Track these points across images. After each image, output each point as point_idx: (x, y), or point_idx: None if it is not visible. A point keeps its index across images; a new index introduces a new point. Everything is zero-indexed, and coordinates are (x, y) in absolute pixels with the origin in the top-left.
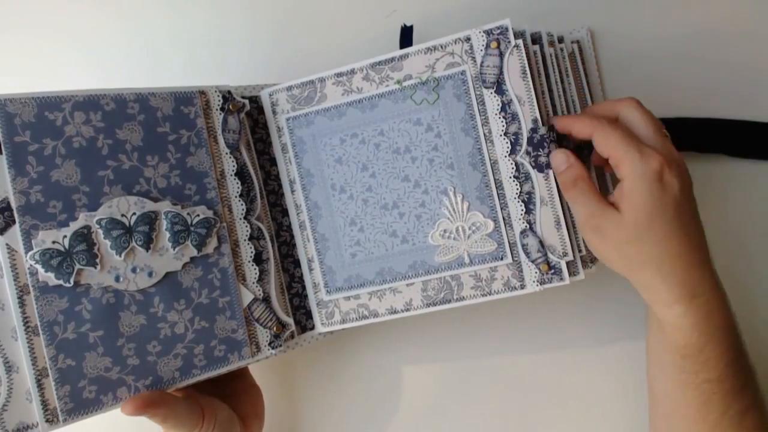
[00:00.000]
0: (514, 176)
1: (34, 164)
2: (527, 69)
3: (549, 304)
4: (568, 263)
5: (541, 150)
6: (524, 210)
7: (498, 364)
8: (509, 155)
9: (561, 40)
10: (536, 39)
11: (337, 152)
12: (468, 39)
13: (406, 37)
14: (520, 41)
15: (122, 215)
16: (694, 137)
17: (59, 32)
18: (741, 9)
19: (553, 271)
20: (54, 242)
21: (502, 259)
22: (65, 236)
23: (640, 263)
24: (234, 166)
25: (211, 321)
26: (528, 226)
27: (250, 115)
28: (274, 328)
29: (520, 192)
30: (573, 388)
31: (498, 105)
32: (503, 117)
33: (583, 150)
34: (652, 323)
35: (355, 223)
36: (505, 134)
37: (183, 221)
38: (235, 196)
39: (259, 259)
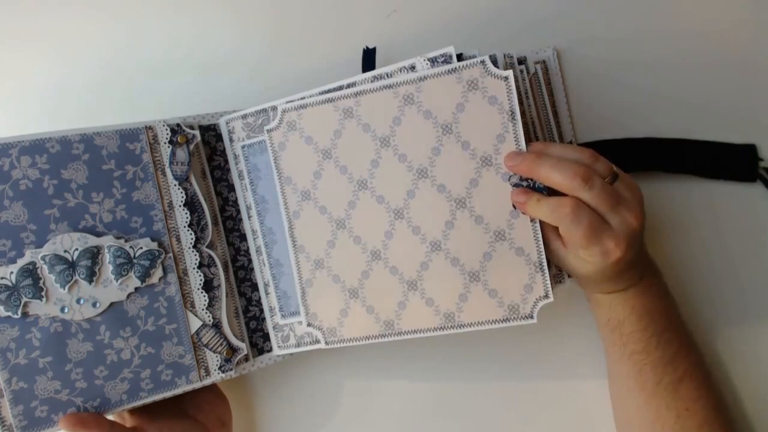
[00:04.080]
0: None
1: None
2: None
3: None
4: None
5: None
6: None
7: (466, 386)
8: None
9: (522, 61)
10: (492, 62)
11: None
12: (413, 67)
13: (369, 59)
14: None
15: (65, 251)
16: (662, 158)
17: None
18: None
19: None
20: (2, 278)
21: None
22: (12, 272)
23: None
24: (182, 197)
25: (158, 347)
26: None
27: (208, 143)
28: (225, 353)
29: None
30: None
31: None
32: None
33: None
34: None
35: None
36: None
37: (125, 254)
38: (184, 226)
39: (209, 286)
